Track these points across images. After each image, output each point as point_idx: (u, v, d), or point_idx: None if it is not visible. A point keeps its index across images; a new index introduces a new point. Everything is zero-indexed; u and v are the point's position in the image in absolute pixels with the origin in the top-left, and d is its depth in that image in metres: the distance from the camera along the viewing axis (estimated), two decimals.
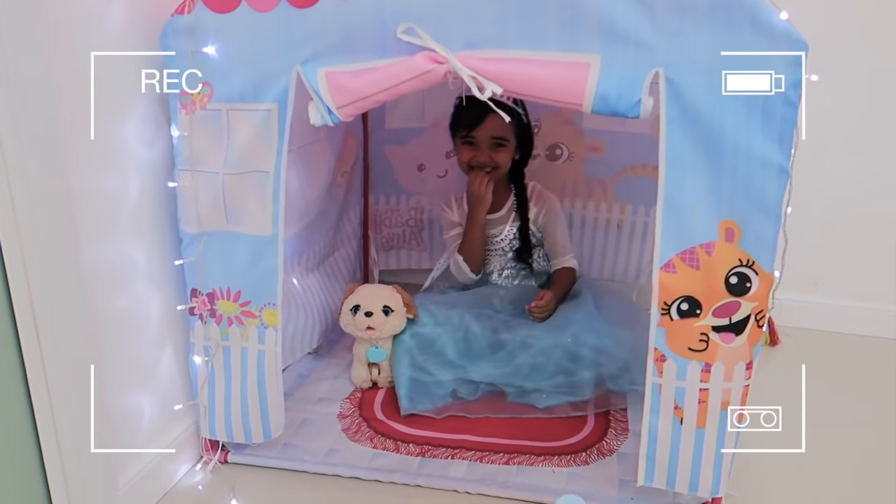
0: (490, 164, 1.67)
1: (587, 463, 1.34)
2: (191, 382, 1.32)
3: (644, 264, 1.94)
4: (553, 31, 1.01)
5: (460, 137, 1.68)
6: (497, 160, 1.67)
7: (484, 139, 1.65)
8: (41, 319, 0.99)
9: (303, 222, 1.65)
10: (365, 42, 1.07)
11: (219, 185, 1.18)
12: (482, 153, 1.66)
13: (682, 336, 1.08)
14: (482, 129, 1.63)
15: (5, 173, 0.92)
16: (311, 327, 1.70)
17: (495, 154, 1.66)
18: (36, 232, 0.96)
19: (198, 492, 1.28)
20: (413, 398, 1.50)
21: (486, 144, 1.65)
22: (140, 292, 1.21)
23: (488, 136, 1.64)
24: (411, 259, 2.14)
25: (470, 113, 1.62)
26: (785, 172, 1.00)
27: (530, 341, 1.55)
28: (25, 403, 1.01)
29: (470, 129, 1.64)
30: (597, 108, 1.01)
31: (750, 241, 1.03)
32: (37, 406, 1.02)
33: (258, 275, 1.21)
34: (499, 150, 1.66)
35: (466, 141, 1.67)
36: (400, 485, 1.29)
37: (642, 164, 1.88)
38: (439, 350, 1.57)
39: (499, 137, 1.65)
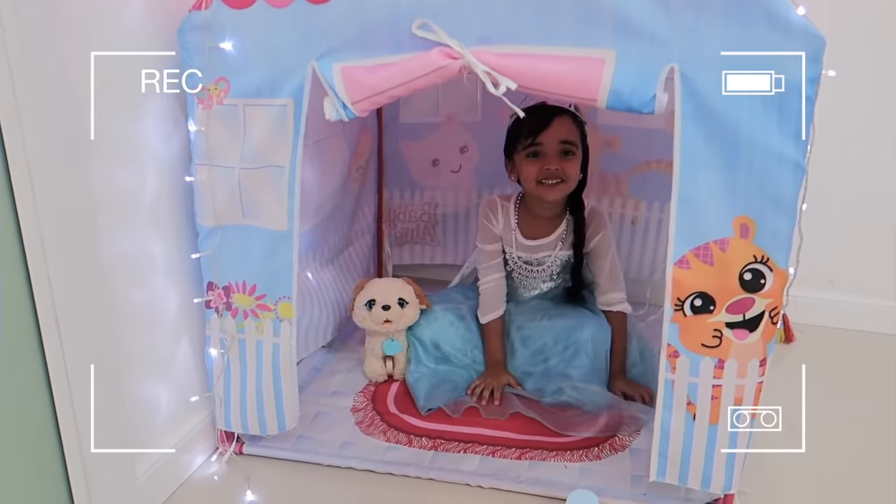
0: (560, 176, 1.47)
1: (599, 458, 1.34)
2: (207, 375, 1.33)
3: (658, 261, 1.94)
4: (568, 27, 1.01)
5: (524, 149, 1.48)
6: (568, 171, 1.47)
7: (552, 144, 1.46)
8: (61, 312, 1.00)
9: (318, 217, 1.67)
10: (380, 37, 1.07)
11: (235, 179, 1.19)
12: (551, 160, 1.46)
13: (696, 332, 1.08)
14: (550, 132, 1.45)
15: (27, 170, 0.94)
16: (325, 321, 1.72)
17: (565, 164, 1.47)
18: (56, 226, 0.98)
19: (213, 482, 1.30)
20: (429, 396, 1.51)
21: (556, 151, 1.46)
22: (157, 285, 1.22)
23: (557, 139, 1.46)
24: (425, 254, 2.15)
25: (534, 117, 1.45)
26: (801, 168, 0.99)
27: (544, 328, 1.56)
28: (46, 395, 1.03)
29: (536, 133, 1.45)
30: (611, 103, 1.01)
31: (765, 238, 1.02)
32: (57, 397, 1.04)
33: (273, 268, 1.23)
34: (568, 158, 1.47)
35: (531, 153, 1.47)
36: (413, 478, 1.30)
37: (657, 159, 1.88)
38: (450, 346, 1.60)
39: (568, 142, 1.47)
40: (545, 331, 1.58)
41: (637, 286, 1.98)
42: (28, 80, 0.91)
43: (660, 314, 1.11)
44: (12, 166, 0.94)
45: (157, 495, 1.24)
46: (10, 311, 0.97)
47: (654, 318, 1.87)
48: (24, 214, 0.96)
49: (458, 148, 2.01)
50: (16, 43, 0.90)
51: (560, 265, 1.63)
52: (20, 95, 0.91)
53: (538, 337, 1.59)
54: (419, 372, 1.59)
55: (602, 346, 1.54)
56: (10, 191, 0.95)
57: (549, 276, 1.65)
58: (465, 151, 2.01)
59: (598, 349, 1.53)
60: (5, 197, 0.95)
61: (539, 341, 1.58)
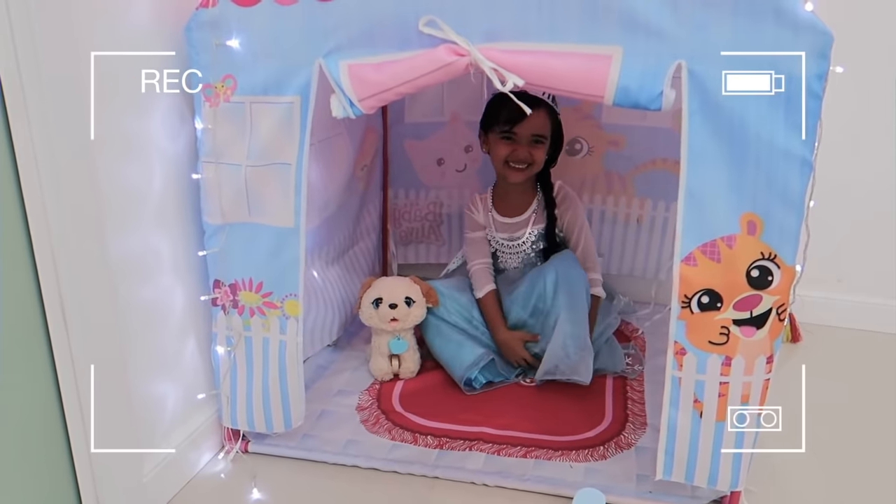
0: (528, 161, 1.61)
1: (605, 457, 1.34)
2: (213, 372, 1.33)
3: (664, 260, 1.93)
4: (574, 23, 1.00)
5: (499, 132, 1.61)
6: (535, 157, 1.61)
7: (525, 135, 1.59)
8: (69, 310, 1.00)
9: (323, 215, 1.67)
10: (387, 34, 1.07)
11: (241, 177, 1.19)
12: (521, 149, 1.60)
13: (703, 329, 1.08)
14: (526, 124, 1.57)
15: (35, 168, 0.94)
16: (330, 319, 1.72)
17: (534, 150, 1.61)
18: (64, 224, 0.98)
19: (220, 480, 1.30)
20: (469, 367, 1.56)
21: (527, 140, 1.60)
22: (164, 283, 1.22)
23: (530, 132, 1.59)
24: (430, 253, 2.15)
25: (513, 107, 1.51)
26: (808, 165, 0.99)
27: None
28: (54, 392, 1.04)
29: (513, 123, 1.57)
30: (618, 100, 1.01)
31: (772, 235, 1.02)
32: (64, 394, 1.04)
33: (280, 266, 1.23)
34: (537, 146, 1.61)
35: (505, 136, 1.60)
36: (418, 476, 1.30)
37: (663, 158, 1.87)
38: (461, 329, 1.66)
39: (539, 135, 1.60)
40: (523, 284, 1.67)
41: (643, 285, 1.98)
42: (36, 78, 0.92)
43: (666, 312, 1.10)
44: (21, 165, 0.94)
45: (164, 493, 1.24)
46: (17, 308, 0.97)
47: (659, 316, 1.87)
48: (32, 212, 0.96)
49: (463, 147, 2.01)
50: (24, 41, 0.90)
51: (536, 238, 1.74)
52: (28, 94, 0.92)
53: (520, 293, 1.66)
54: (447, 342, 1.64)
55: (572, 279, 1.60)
56: (18, 189, 0.95)
57: (528, 253, 1.76)
58: (470, 151, 2.00)
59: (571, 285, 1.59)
60: (14, 195, 0.95)
61: (521, 296, 1.66)
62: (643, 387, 1.57)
